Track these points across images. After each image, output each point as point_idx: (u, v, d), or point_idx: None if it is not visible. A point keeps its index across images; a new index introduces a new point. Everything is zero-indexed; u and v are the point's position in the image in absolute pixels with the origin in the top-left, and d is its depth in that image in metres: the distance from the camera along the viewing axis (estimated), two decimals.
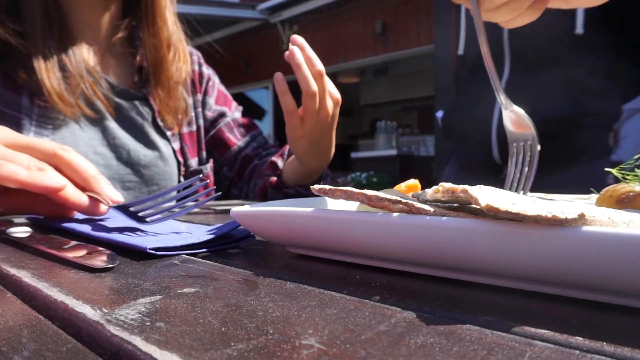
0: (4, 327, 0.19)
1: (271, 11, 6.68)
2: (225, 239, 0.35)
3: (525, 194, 0.44)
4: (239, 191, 0.93)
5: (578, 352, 0.15)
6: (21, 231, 0.38)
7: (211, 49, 1.05)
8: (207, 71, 0.93)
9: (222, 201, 0.84)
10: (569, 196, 0.43)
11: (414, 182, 0.34)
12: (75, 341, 0.18)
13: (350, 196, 0.26)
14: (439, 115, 1.20)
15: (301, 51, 0.61)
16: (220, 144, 0.91)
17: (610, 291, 0.19)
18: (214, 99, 0.92)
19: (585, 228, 0.18)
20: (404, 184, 0.34)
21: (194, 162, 0.86)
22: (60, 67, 0.69)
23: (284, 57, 0.63)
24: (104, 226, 0.42)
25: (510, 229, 0.20)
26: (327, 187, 0.27)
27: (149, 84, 0.80)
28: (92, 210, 0.43)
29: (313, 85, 0.62)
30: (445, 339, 0.16)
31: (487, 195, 0.21)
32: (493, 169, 1.09)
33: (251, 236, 0.37)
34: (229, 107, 0.94)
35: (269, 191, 0.79)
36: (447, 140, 1.27)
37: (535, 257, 0.20)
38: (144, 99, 0.80)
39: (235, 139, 0.92)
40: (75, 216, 0.47)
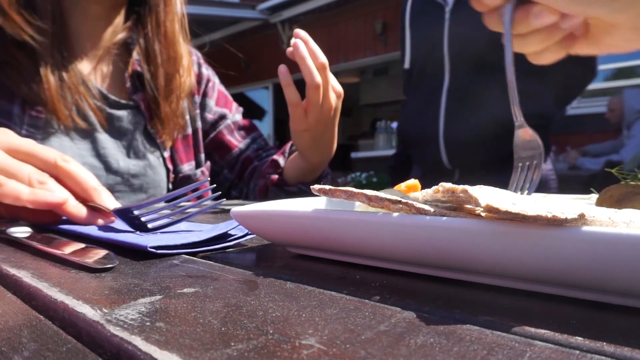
0: (4, 327, 0.19)
1: (271, 11, 6.67)
2: (226, 237, 0.35)
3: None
4: (239, 192, 0.92)
5: (578, 352, 0.15)
6: (21, 231, 0.38)
7: (213, 49, 1.05)
8: (206, 72, 0.91)
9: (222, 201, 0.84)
10: (569, 196, 0.43)
11: (414, 182, 0.34)
12: (75, 341, 0.18)
13: (350, 196, 0.26)
14: (394, 126, 1.29)
15: (305, 44, 0.62)
16: (221, 147, 0.90)
17: (610, 291, 0.19)
18: (214, 101, 0.91)
19: (585, 228, 0.18)
20: (404, 184, 0.34)
21: (187, 166, 0.84)
22: (59, 78, 0.69)
23: (284, 57, 0.63)
24: (104, 226, 0.42)
25: (510, 229, 0.20)
26: (327, 187, 0.27)
27: (141, 91, 0.78)
28: (91, 222, 0.43)
29: (317, 77, 0.62)
30: (445, 339, 0.16)
31: (487, 195, 0.21)
32: (446, 174, 1.15)
33: (251, 233, 0.37)
34: (230, 108, 0.93)
35: (271, 189, 0.79)
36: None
37: (535, 257, 0.20)
38: (135, 108, 0.78)
39: (236, 141, 0.91)
40: None
